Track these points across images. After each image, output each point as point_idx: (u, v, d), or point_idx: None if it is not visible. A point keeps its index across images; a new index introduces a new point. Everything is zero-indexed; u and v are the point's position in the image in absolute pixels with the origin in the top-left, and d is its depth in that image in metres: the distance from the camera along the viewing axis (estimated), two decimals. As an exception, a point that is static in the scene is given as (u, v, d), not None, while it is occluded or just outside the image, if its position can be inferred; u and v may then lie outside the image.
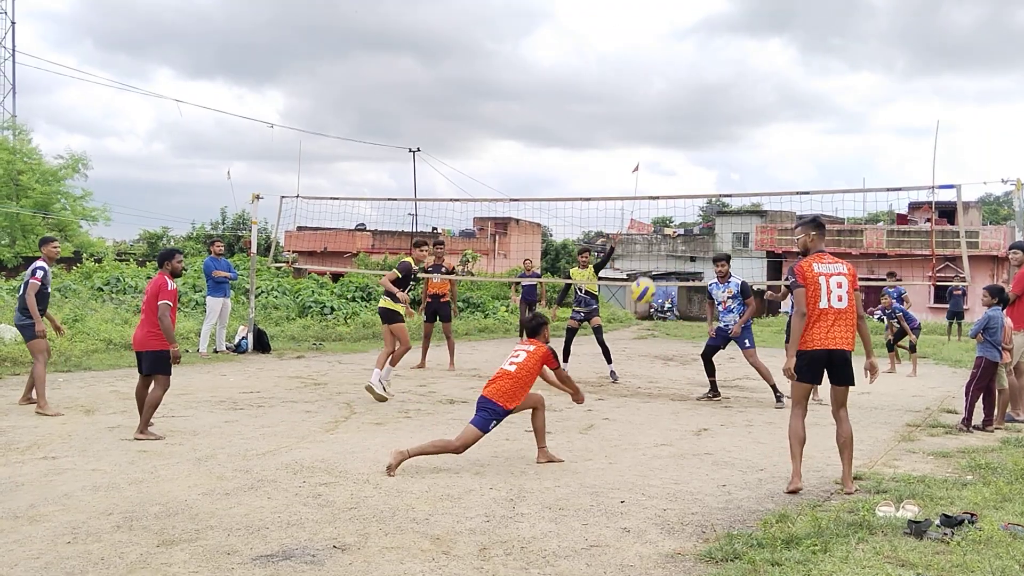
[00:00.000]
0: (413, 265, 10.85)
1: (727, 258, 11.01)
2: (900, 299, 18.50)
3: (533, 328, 7.12)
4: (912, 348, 15.06)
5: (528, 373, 6.72)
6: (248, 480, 6.08)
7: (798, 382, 6.19)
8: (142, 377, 7.81)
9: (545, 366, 6.90)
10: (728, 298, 10.71)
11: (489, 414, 6.59)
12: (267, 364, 13.48)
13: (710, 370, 10.99)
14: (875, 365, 6.31)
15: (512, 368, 6.71)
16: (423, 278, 13.41)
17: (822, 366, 6.13)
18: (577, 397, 7.30)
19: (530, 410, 6.92)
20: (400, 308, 10.36)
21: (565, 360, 12.43)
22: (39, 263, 9.21)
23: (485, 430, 6.60)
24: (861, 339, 6.28)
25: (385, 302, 10.50)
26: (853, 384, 6.22)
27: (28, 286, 8.97)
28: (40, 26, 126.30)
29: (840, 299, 6.10)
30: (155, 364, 7.68)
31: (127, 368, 12.25)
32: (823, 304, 6.09)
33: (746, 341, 10.58)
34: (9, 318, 14.34)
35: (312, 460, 6.74)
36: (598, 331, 12.65)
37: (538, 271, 21.95)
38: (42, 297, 9.09)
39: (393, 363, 10.34)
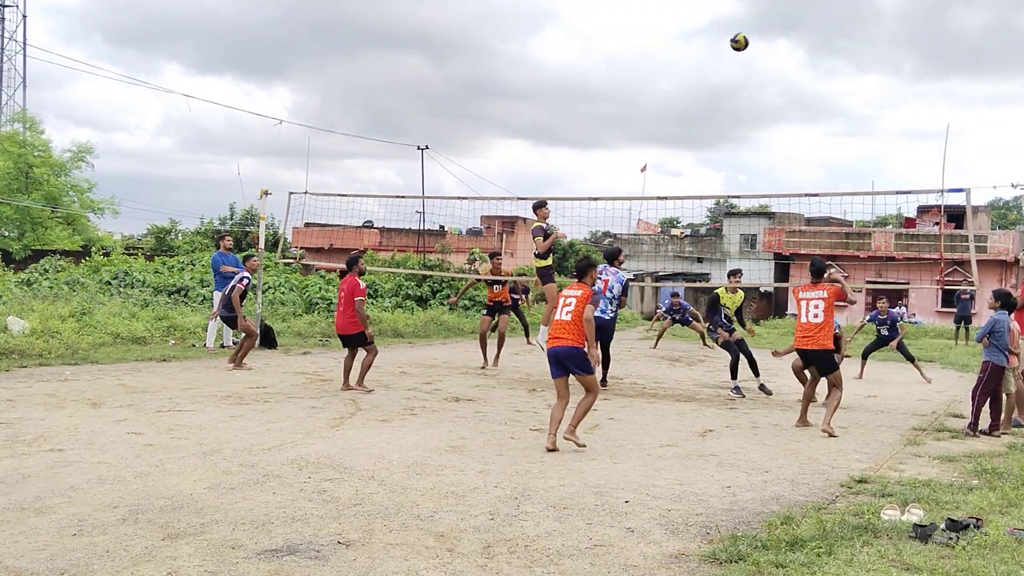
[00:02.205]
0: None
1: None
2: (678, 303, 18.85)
3: (582, 268, 7.71)
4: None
5: (580, 315, 7.46)
6: (253, 475, 6.10)
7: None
8: (350, 351, 10.57)
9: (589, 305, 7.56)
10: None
11: (581, 355, 7.40)
12: (273, 360, 13.51)
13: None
14: None
15: (568, 317, 7.49)
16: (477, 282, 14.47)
17: (805, 359, 9.18)
18: (591, 351, 7.49)
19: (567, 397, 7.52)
20: None
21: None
22: (245, 273, 12.45)
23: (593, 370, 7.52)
24: None
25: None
26: (830, 372, 8.82)
27: (234, 290, 12.12)
28: (50, 20, 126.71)
29: (816, 316, 8.77)
30: (358, 340, 10.42)
31: (134, 362, 12.30)
32: (803, 320, 8.88)
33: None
34: (17, 311, 14.42)
35: (317, 456, 6.76)
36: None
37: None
38: (242, 297, 12.22)
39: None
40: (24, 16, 54.19)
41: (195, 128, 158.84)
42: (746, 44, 11.80)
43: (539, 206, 11.74)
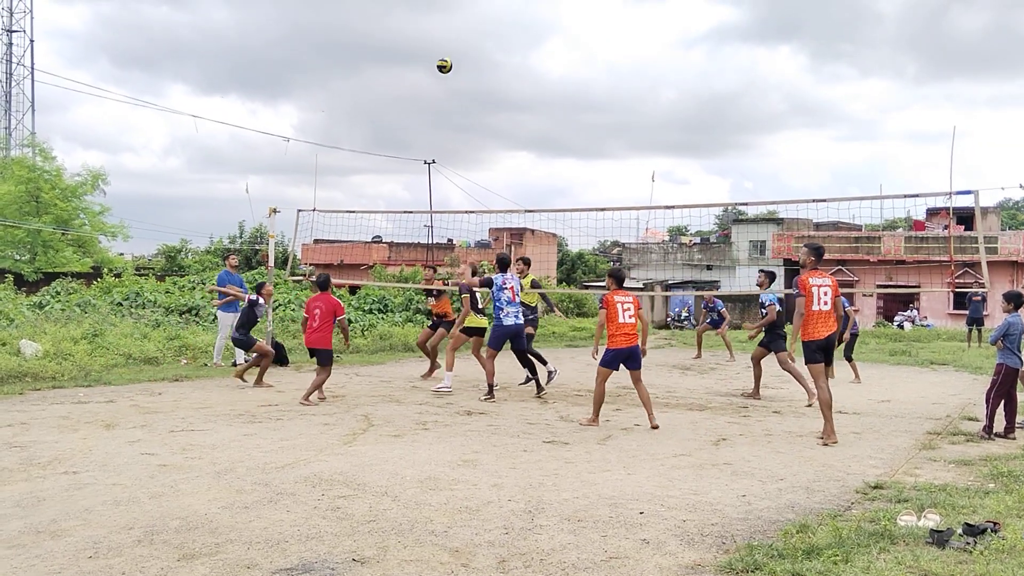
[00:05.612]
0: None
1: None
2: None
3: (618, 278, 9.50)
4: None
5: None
6: (267, 493, 6.10)
7: (815, 363, 8.46)
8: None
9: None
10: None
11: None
12: (285, 377, 13.53)
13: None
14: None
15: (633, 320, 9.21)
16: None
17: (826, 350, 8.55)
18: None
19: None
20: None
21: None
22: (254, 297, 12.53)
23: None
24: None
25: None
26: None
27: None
28: (56, 44, 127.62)
29: (825, 303, 8.52)
30: (323, 358, 10.77)
31: (147, 383, 12.34)
32: (816, 307, 8.51)
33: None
34: (30, 334, 14.50)
35: (331, 473, 6.76)
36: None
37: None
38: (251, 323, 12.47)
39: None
40: (32, 41, 54.84)
41: (202, 147, 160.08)
42: (450, 67, 14.40)
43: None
